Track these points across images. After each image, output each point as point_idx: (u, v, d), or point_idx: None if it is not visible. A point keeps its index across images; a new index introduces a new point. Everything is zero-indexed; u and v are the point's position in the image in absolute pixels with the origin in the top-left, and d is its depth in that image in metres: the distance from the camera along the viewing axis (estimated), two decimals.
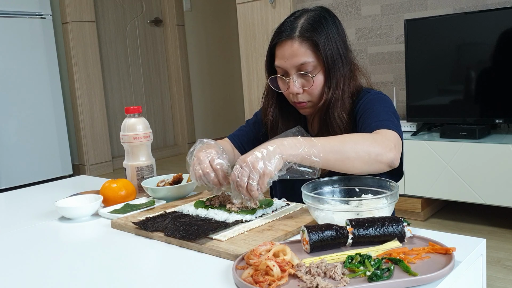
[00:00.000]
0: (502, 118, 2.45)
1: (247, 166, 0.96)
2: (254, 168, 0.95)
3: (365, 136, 1.08)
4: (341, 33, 1.23)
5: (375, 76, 3.13)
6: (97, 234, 1.08)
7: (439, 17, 2.63)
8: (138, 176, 1.34)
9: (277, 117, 1.31)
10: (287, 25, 1.21)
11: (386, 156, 1.04)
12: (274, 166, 0.96)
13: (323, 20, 1.21)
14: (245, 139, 1.41)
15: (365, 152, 1.03)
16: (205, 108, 5.48)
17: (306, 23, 1.19)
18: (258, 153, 0.97)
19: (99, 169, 4.45)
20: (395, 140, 1.09)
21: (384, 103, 1.21)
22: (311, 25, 1.19)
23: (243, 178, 0.96)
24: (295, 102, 1.25)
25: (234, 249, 0.86)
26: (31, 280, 0.84)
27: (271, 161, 0.96)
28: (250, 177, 0.96)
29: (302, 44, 1.18)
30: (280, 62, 1.21)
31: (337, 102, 1.21)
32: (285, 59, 1.20)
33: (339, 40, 1.21)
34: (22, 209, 1.36)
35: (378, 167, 1.05)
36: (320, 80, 1.21)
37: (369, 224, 0.83)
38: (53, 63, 4.11)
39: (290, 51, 1.19)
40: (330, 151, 1.00)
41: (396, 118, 1.19)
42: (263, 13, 3.42)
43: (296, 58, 1.18)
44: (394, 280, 0.70)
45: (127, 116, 1.35)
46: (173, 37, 5.11)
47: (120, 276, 0.83)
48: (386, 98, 1.24)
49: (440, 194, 2.56)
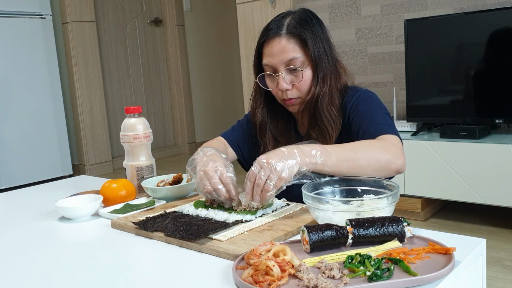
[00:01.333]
0: (502, 118, 2.45)
1: (268, 166, 0.97)
2: (275, 170, 0.96)
3: (373, 144, 1.10)
4: (325, 32, 1.26)
5: (375, 76, 3.13)
6: (97, 234, 1.08)
7: (439, 17, 2.63)
8: (138, 176, 1.34)
9: (265, 117, 1.33)
10: (274, 24, 1.25)
11: (395, 163, 1.08)
12: (291, 171, 0.97)
13: (308, 19, 1.24)
14: (240, 139, 1.40)
15: (376, 159, 1.06)
16: (205, 108, 5.48)
17: (292, 21, 1.23)
18: (279, 156, 0.98)
19: (99, 169, 4.45)
20: (400, 146, 1.13)
21: (376, 103, 1.24)
22: (297, 22, 1.23)
23: (262, 177, 0.97)
24: (284, 99, 1.26)
25: (234, 249, 0.86)
26: (31, 280, 0.84)
27: (291, 166, 0.97)
28: (270, 177, 0.97)
29: (290, 40, 1.21)
30: (269, 59, 1.23)
31: (325, 96, 1.23)
32: (273, 56, 1.22)
33: (324, 39, 1.25)
34: (22, 209, 1.36)
35: (387, 174, 1.08)
36: (309, 75, 1.23)
37: (369, 224, 0.83)
38: (53, 63, 4.11)
39: (278, 48, 1.21)
40: (343, 160, 1.03)
41: (390, 119, 1.22)
42: (263, 13, 3.42)
43: (285, 54, 1.21)
44: (394, 280, 0.70)
45: (127, 116, 1.35)
46: (173, 37, 5.11)
47: (120, 276, 0.83)
48: (375, 97, 1.27)
49: (440, 194, 2.56)
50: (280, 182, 0.97)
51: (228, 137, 1.41)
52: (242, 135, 1.41)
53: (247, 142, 1.39)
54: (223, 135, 1.42)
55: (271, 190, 0.97)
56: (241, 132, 1.42)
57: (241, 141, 1.40)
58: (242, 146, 1.40)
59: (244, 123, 1.43)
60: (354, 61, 3.17)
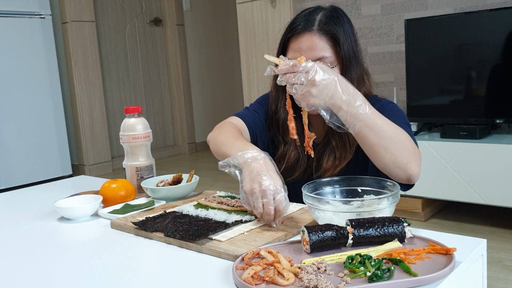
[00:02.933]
0: (503, 118, 2.45)
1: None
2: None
3: (409, 140, 1.04)
4: (355, 33, 1.20)
5: (375, 76, 3.13)
6: (96, 234, 1.08)
7: (439, 17, 2.62)
8: (138, 176, 1.34)
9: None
10: (302, 19, 1.16)
11: (413, 169, 1.01)
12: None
13: (340, 17, 1.17)
14: (258, 130, 1.29)
15: (400, 151, 1.00)
16: (205, 108, 5.48)
17: (324, 17, 1.15)
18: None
19: (98, 169, 4.45)
20: (420, 158, 1.07)
21: (399, 114, 1.18)
22: (330, 19, 1.15)
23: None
24: None
25: (234, 249, 0.86)
26: (31, 280, 0.84)
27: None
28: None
29: (322, 37, 1.13)
30: (296, 55, 1.13)
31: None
32: (302, 52, 1.13)
33: (354, 40, 1.18)
34: (22, 209, 1.35)
35: (399, 174, 1.02)
36: None
37: (370, 224, 0.83)
38: (52, 63, 4.11)
39: (308, 44, 1.13)
40: (374, 128, 0.98)
41: (411, 130, 1.16)
42: (263, 13, 3.42)
43: (315, 51, 1.13)
44: (395, 280, 0.70)
45: (127, 116, 1.35)
46: (173, 37, 5.11)
47: (120, 277, 0.83)
48: (398, 108, 1.21)
49: (440, 194, 2.56)
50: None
51: (248, 120, 1.28)
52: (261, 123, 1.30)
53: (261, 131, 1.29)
54: (241, 117, 1.28)
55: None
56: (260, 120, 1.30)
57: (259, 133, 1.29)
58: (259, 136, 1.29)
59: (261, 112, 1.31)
60: None
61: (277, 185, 0.95)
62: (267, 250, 0.82)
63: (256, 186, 0.94)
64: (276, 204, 0.94)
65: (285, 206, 0.94)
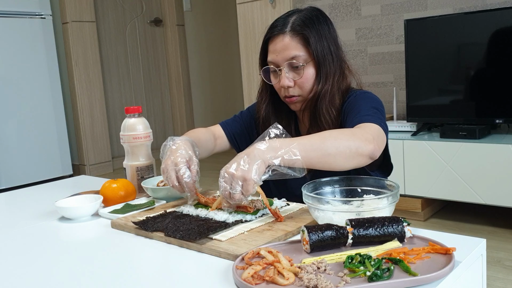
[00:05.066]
0: (502, 118, 2.45)
1: (228, 177, 0.97)
2: (233, 177, 0.97)
3: (344, 131, 1.09)
4: (332, 32, 1.26)
5: (375, 76, 3.13)
6: (97, 234, 1.08)
7: (439, 17, 2.63)
8: (138, 176, 1.34)
9: (269, 112, 1.34)
10: (279, 22, 1.26)
11: (366, 148, 1.03)
12: (255, 172, 0.96)
13: (314, 18, 1.24)
14: (238, 131, 1.43)
15: (345, 146, 1.02)
16: (205, 108, 5.48)
17: (297, 19, 1.24)
18: (236, 163, 0.98)
19: (99, 169, 4.45)
20: (375, 132, 1.09)
21: (368, 100, 1.22)
22: (302, 21, 1.23)
23: (227, 188, 0.98)
24: (285, 96, 1.27)
25: (234, 249, 0.86)
26: (31, 280, 0.84)
27: (253, 167, 0.96)
28: (232, 186, 0.97)
29: (293, 38, 1.22)
30: (272, 56, 1.25)
31: (326, 96, 1.23)
32: (276, 53, 1.24)
33: (330, 38, 1.25)
34: (22, 209, 1.36)
35: (360, 161, 1.05)
36: (311, 73, 1.23)
37: (369, 224, 0.83)
38: (53, 63, 4.11)
39: (281, 45, 1.23)
40: (310, 150, 1.00)
41: (379, 112, 1.19)
42: (263, 13, 3.42)
43: (287, 51, 1.22)
44: (394, 280, 0.70)
45: (127, 116, 1.35)
46: (173, 37, 5.11)
47: (120, 276, 0.83)
48: (371, 96, 1.25)
49: (440, 194, 2.56)
50: (247, 185, 0.96)
51: (226, 127, 1.44)
52: (241, 128, 1.44)
53: (245, 135, 1.42)
54: (222, 125, 1.44)
55: (237, 197, 0.98)
56: (240, 124, 1.44)
57: (239, 134, 1.43)
58: (239, 138, 1.42)
59: (246, 116, 1.45)
60: (354, 61, 3.17)
61: (179, 164, 1.11)
62: (267, 250, 0.82)
63: (162, 165, 1.13)
64: (180, 179, 1.10)
65: (194, 178, 1.10)
